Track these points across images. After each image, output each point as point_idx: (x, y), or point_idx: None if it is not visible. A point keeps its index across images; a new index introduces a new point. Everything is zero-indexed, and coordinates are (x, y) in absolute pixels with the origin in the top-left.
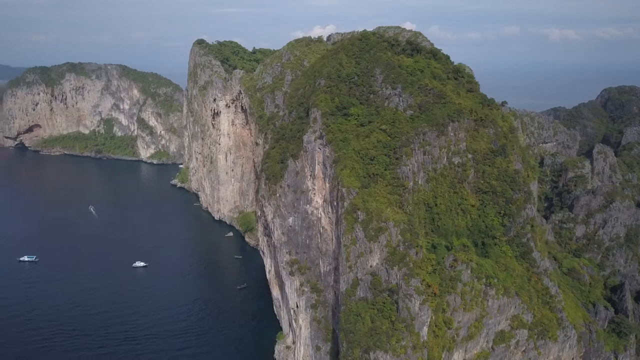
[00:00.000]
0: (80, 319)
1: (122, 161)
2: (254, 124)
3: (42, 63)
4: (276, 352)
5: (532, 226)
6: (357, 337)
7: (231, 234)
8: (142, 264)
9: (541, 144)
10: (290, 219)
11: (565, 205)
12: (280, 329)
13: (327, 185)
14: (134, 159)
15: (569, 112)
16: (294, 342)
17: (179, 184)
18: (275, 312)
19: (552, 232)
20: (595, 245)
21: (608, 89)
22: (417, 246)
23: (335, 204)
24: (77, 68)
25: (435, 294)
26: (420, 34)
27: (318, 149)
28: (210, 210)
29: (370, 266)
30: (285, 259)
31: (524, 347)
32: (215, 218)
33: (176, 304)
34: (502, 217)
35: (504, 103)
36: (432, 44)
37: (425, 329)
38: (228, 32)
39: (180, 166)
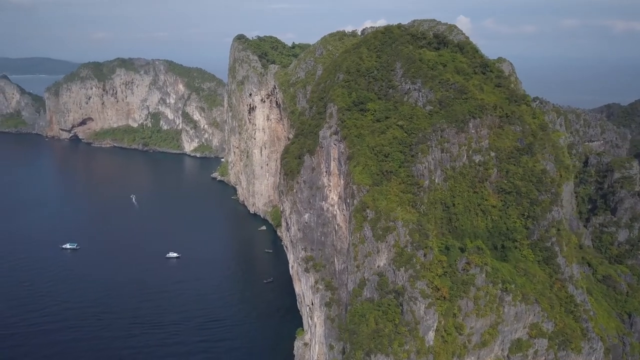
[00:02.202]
0: (111, 305)
1: (167, 154)
2: (286, 119)
3: (101, 58)
4: (295, 348)
5: (558, 230)
6: (360, 338)
7: (264, 227)
8: (175, 254)
9: (587, 143)
10: (306, 215)
11: (609, 208)
12: (302, 325)
13: (342, 181)
14: (178, 152)
15: (624, 109)
16: (310, 339)
17: (219, 177)
18: (299, 307)
19: (591, 236)
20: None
21: None
22: (425, 247)
23: (348, 201)
24: (126, 63)
25: (444, 297)
26: (455, 27)
27: (333, 145)
28: (246, 203)
29: (378, 266)
30: (300, 256)
31: (543, 358)
32: (251, 212)
33: (203, 294)
34: (526, 219)
35: (535, 99)
36: (466, 37)
37: (432, 333)
38: (280, 27)
39: (222, 160)
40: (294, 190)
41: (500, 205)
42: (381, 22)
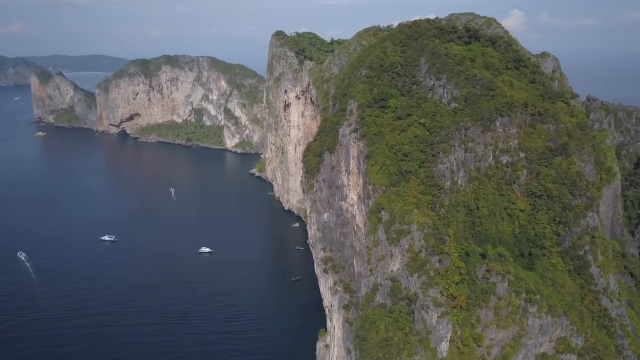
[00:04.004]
0: (142, 296)
1: (209, 149)
2: (319, 115)
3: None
4: (317, 349)
5: (592, 237)
6: (368, 345)
7: (297, 224)
8: (207, 249)
9: (639, 143)
10: (325, 215)
11: None
12: (326, 325)
13: (361, 181)
14: (220, 147)
15: None
16: (330, 342)
17: (257, 173)
18: (324, 307)
19: (637, 243)
20: None
21: None
22: (441, 253)
23: (365, 201)
24: (172, 60)
25: (461, 306)
26: (493, 20)
27: (353, 143)
28: (281, 200)
29: (391, 271)
30: (319, 256)
31: None
32: (285, 208)
33: (231, 290)
34: (556, 225)
35: (574, 96)
36: (505, 31)
37: (445, 344)
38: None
39: (261, 156)
40: (314, 189)
41: (529, 209)
42: (430, 17)
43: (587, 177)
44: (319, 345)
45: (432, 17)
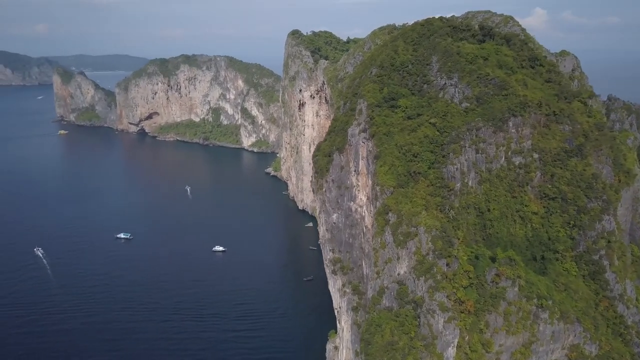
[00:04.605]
0: (155, 293)
1: (226, 148)
2: (333, 115)
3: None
4: (327, 350)
5: (609, 241)
6: (373, 349)
7: (311, 224)
8: (221, 248)
9: None
10: (334, 216)
11: None
12: (336, 326)
13: (370, 182)
14: (236, 146)
15: None
16: (339, 343)
17: (272, 173)
18: (334, 308)
19: None
20: None
21: None
22: (449, 256)
23: (374, 202)
24: (190, 60)
25: (469, 311)
26: (511, 18)
27: (362, 143)
28: (295, 199)
29: (398, 274)
30: (328, 257)
31: None
32: (299, 208)
33: (243, 289)
34: (571, 228)
35: (592, 95)
36: (523, 30)
37: (452, 350)
38: (348, 22)
39: (278, 155)
40: (323, 189)
41: (542, 212)
42: (449, 15)
43: (604, 179)
44: (329, 346)
45: (452, 15)
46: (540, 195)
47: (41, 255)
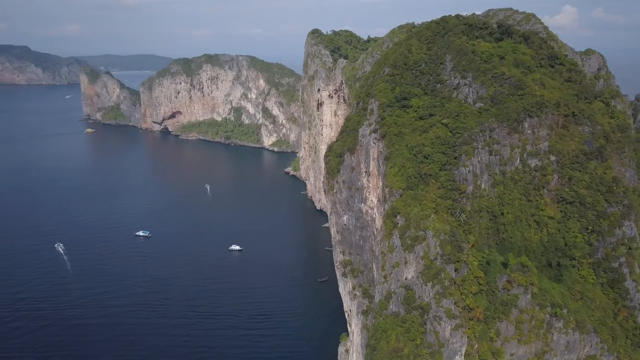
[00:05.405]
0: (172, 291)
1: (247, 147)
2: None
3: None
4: (339, 353)
5: (629, 248)
6: (378, 356)
7: (328, 224)
8: (237, 247)
9: None
10: (345, 217)
11: None
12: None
13: (381, 183)
14: (257, 146)
15: None
16: (349, 347)
17: (291, 172)
18: (344, 311)
19: None
20: None
21: None
22: (457, 261)
23: (383, 205)
24: (212, 59)
25: (478, 319)
26: (533, 16)
27: (373, 144)
28: (313, 199)
29: (405, 278)
30: (339, 259)
31: None
32: (317, 208)
33: (257, 288)
34: (589, 234)
35: (615, 95)
36: (545, 28)
37: (459, 359)
38: (371, 21)
39: (297, 155)
40: (334, 190)
41: (559, 216)
42: (472, 14)
43: (626, 183)
44: (340, 349)
45: (472, 13)
46: (557, 199)
47: (62, 251)
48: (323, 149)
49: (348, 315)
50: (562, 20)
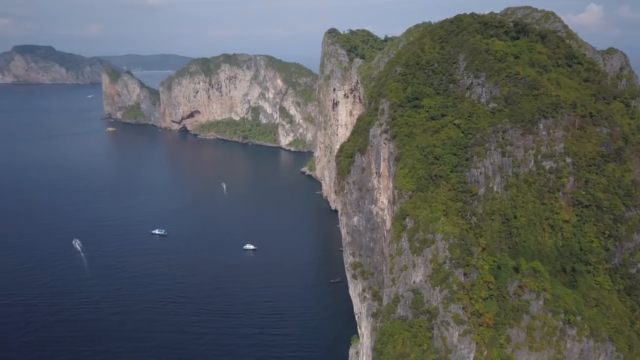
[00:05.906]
0: (185, 289)
1: (264, 147)
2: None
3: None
4: (350, 355)
5: None
6: None
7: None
8: (252, 247)
9: None
10: (355, 219)
11: None
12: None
13: (391, 184)
14: (274, 145)
15: None
16: (360, 349)
17: (307, 172)
18: (355, 313)
19: None
20: None
21: None
22: (467, 265)
23: (392, 206)
24: (230, 59)
25: (488, 324)
26: (552, 14)
27: (383, 144)
28: (328, 199)
29: (414, 282)
30: (349, 261)
31: None
32: (332, 208)
33: (271, 288)
34: (606, 239)
35: (636, 95)
36: (565, 26)
37: None
38: (391, 21)
39: (314, 154)
40: (344, 191)
41: (574, 220)
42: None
43: None
44: (351, 351)
45: (490, 12)
46: (573, 203)
47: (79, 248)
48: (338, 148)
49: (358, 317)
50: (586, 19)
